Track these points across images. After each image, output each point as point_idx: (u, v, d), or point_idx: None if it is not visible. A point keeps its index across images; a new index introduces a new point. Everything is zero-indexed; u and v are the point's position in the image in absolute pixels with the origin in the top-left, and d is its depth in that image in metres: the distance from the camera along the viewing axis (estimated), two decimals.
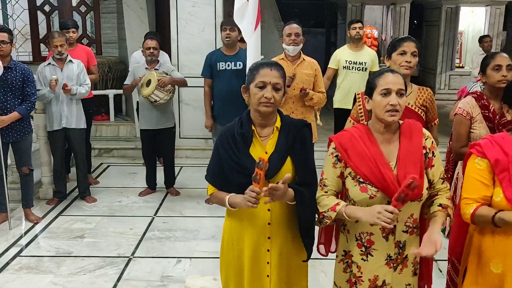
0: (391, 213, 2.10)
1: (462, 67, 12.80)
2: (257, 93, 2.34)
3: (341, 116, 5.98)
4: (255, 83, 2.35)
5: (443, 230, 4.34)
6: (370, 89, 2.34)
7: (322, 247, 2.72)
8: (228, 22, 5.44)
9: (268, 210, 2.37)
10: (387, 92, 2.26)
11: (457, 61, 12.97)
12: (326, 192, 2.37)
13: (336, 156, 2.35)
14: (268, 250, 2.44)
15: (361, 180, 2.27)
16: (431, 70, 13.13)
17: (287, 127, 2.44)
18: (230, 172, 2.39)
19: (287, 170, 2.36)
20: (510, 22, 13.92)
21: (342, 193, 2.48)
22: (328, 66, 6.25)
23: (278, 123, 2.44)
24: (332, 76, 6.19)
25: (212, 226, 4.96)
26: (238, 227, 2.47)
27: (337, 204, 2.30)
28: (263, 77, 2.34)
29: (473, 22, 12.90)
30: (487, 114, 3.14)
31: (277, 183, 2.21)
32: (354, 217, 2.27)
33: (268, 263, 2.45)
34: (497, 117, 3.10)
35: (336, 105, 6.23)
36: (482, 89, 3.36)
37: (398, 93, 2.26)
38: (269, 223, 2.41)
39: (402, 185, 2.10)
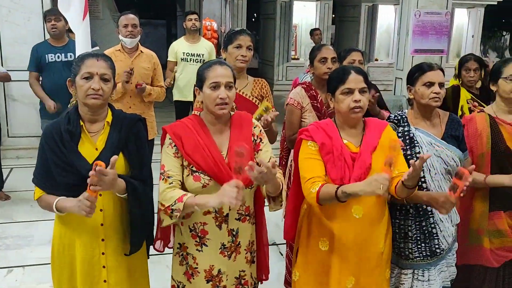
0: (237, 187, 2.05)
1: (298, 59, 13.52)
2: (84, 85, 2.21)
3: (181, 108, 5.95)
4: (80, 74, 2.22)
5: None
6: (200, 81, 2.34)
7: (158, 242, 2.65)
8: (52, 11, 5.08)
9: (101, 210, 2.25)
10: (216, 86, 2.27)
11: (293, 53, 13.67)
12: (171, 183, 2.27)
13: (175, 146, 2.31)
14: (103, 253, 2.32)
15: (194, 169, 2.27)
16: (269, 62, 13.68)
17: (119, 121, 2.33)
18: (57, 172, 2.22)
19: (120, 167, 2.27)
20: (338, 17, 15.04)
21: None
22: (168, 59, 6.18)
23: (109, 118, 2.33)
24: (173, 68, 6.14)
25: (48, 230, 4.50)
26: (68, 231, 2.32)
27: (184, 194, 2.21)
28: (89, 67, 2.22)
29: (305, 16, 13.68)
30: (315, 104, 3.31)
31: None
32: (205, 205, 2.18)
33: (104, 267, 2.33)
34: (324, 106, 3.28)
35: (176, 97, 6.19)
36: (311, 79, 3.53)
37: (227, 86, 2.28)
38: (102, 224, 2.29)
39: (234, 158, 2.07)
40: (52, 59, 5.01)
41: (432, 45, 7.18)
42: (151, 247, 2.62)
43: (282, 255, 4.22)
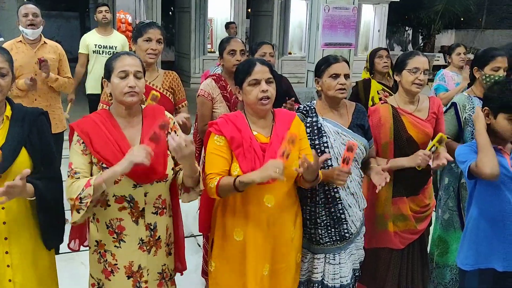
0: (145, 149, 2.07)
1: (214, 52, 13.49)
2: None
3: (94, 101, 5.75)
4: None
5: None
6: (108, 72, 2.29)
7: (73, 242, 2.59)
8: None
9: (2, 208, 2.16)
10: (124, 75, 2.24)
11: (209, 46, 13.65)
12: (78, 178, 2.21)
13: (83, 143, 2.24)
14: (6, 252, 2.22)
15: (104, 166, 2.22)
16: (185, 55, 13.58)
17: (20, 116, 2.24)
18: None
19: (22, 163, 2.18)
20: (253, 11, 15.18)
21: None
22: (79, 52, 5.97)
23: (8, 112, 2.22)
24: (85, 62, 5.96)
25: None
26: None
27: (90, 179, 2.15)
28: None
29: (220, 10, 13.68)
30: (225, 94, 3.35)
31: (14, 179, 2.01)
32: (113, 175, 2.14)
33: (8, 266, 2.23)
34: (234, 97, 3.30)
35: (89, 90, 6.01)
36: (221, 71, 3.56)
37: (135, 75, 2.25)
38: (4, 223, 2.19)
39: (155, 125, 2.10)
40: None
41: (341, 39, 7.42)
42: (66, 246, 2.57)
43: (200, 246, 4.25)
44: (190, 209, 2.73)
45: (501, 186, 2.57)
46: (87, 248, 2.56)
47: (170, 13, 17.11)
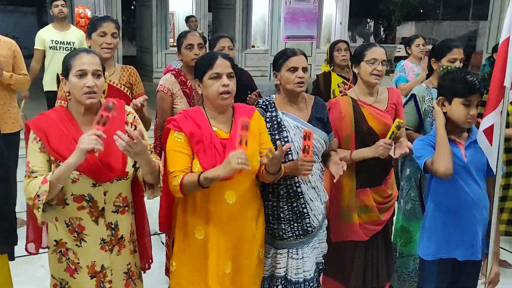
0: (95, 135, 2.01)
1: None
2: None
3: (52, 98, 5.61)
4: None
5: None
6: (66, 70, 2.22)
7: (31, 245, 2.50)
8: None
9: None
10: (82, 74, 2.17)
11: (171, 40, 13.51)
12: (35, 177, 2.13)
13: (40, 140, 2.17)
14: None
15: (61, 164, 2.14)
16: (147, 49, 13.43)
17: None
18: None
19: None
20: (214, 4, 15.09)
21: None
22: (35, 47, 5.81)
23: None
24: (41, 58, 5.80)
25: None
26: None
27: (46, 176, 2.08)
28: None
29: (182, 3, 13.55)
30: (185, 89, 3.30)
31: None
32: (67, 168, 2.06)
33: None
34: (194, 92, 3.25)
35: (46, 87, 5.87)
36: (181, 66, 3.52)
37: (94, 74, 2.19)
38: None
39: (101, 108, 2.06)
40: None
41: (303, 32, 7.44)
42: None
43: (163, 244, 4.20)
44: (153, 206, 2.68)
45: (455, 176, 2.60)
46: (47, 250, 2.49)
47: (132, 7, 16.89)
